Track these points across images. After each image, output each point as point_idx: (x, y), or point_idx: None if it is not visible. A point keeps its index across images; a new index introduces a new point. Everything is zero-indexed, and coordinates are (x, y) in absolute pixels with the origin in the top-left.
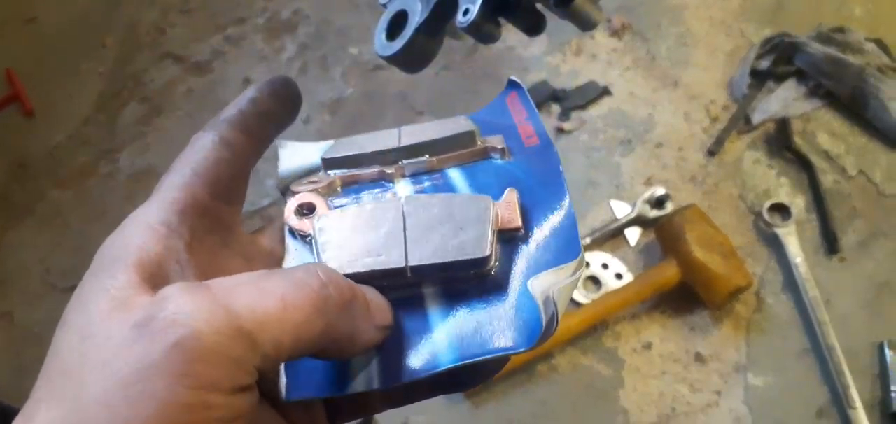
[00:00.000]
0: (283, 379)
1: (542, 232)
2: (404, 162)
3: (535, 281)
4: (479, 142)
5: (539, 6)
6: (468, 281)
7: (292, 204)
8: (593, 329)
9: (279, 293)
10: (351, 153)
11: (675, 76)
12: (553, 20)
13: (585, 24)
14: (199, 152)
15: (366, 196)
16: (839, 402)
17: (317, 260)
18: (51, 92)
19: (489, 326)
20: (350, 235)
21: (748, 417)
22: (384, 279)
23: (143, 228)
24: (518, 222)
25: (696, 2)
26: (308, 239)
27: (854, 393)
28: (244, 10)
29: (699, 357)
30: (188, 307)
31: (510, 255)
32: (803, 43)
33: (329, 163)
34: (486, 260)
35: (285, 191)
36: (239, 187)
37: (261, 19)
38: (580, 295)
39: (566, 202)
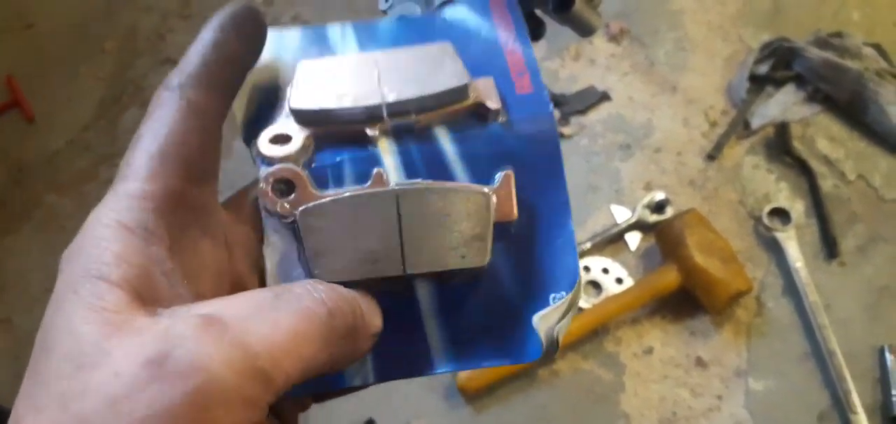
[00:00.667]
0: None
1: (537, 231)
2: (389, 121)
3: (540, 319)
4: (471, 96)
5: (538, 12)
6: (463, 280)
7: (266, 177)
8: (594, 333)
9: (291, 327)
10: (326, 106)
11: (674, 81)
12: (552, 25)
13: (584, 30)
14: (164, 124)
15: (347, 168)
16: (840, 406)
17: (303, 258)
18: (50, 97)
19: (486, 338)
20: (341, 236)
21: (749, 421)
22: (380, 284)
23: (118, 232)
24: (515, 214)
25: (694, 7)
26: (289, 220)
27: (855, 398)
28: None
29: (700, 362)
30: (206, 348)
31: (505, 252)
32: (801, 48)
33: (301, 117)
34: (484, 267)
35: (252, 148)
36: (212, 158)
37: None
38: (581, 300)
39: (563, 191)
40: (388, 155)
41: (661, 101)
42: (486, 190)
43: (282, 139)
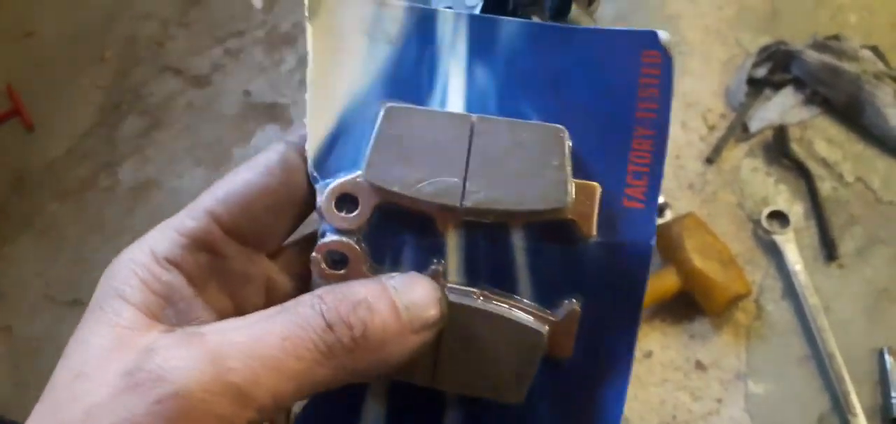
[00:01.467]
0: None
1: (590, 379)
2: (462, 215)
3: None
4: (567, 213)
5: (535, 18)
6: (497, 407)
7: (321, 247)
8: None
9: (277, 341)
10: (400, 190)
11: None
12: None
13: None
14: (245, 173)
15: (407, 253)
16: (840, 409)
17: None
18: (50, 106)
19: None
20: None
21: None
22: (412, 392)
23: (149, 259)
24: (569, 353)
25: (691, 11)
26: None
27: (855, 400)
28: (243, 23)
29: (700, 365)
30: (175, 361)
31: (549, 389)
32: (799, 51)
33: (375, 189)
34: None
35: (317, 193)
36: (277, 223)
37: (260, 32)
38: None
39: (630, 343)
40: (453, 249)
41: None
42: (541, 326)
43: (348, 201)
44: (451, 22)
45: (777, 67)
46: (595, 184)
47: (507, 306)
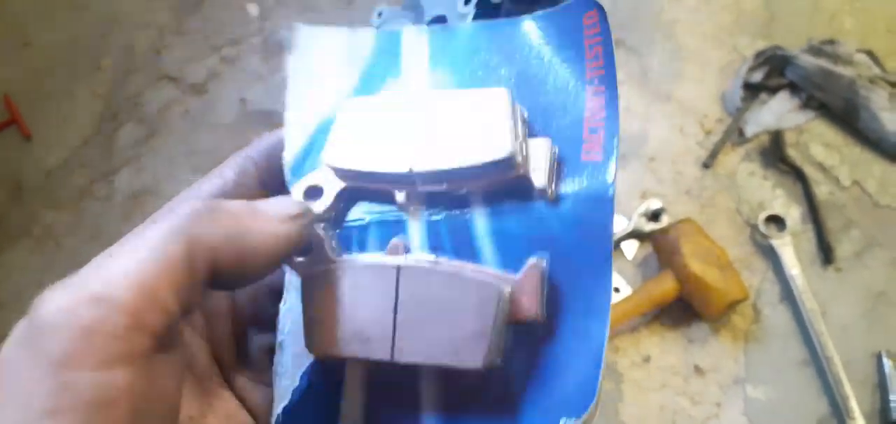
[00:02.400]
0: None
1: (567, 336)
2: (421, 186)
3: None
4: (518, 168)
5: None
6: (468, 385)
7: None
8: None
9: (127, 246)
10: (358, 167)
11: (668, 90)
12: None
13: None
14: (204, 183)
15: (372, 231)
16: (839, 413)
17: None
18: (47, 115)
19: None
20: (338, 307)
21: None
22: (372, 367)
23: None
24: (536, 311)
25: (687, 17)
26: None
27: (853, 404)
28: (239, 31)
29: (698, 370)
30: (44, 300)
31: (526, 353)
32: (795, 56)
33: (335, 171)
34: (478, 371)
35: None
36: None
37: (256, 40)
38: None
39: (606, 298)
40: (415, 221)
41: (655, 111)
42: (499, 282)
43: (315, 192)
44: (415, 37)
45: (773, 72)
46: (546, 138)
47: (461, 266)
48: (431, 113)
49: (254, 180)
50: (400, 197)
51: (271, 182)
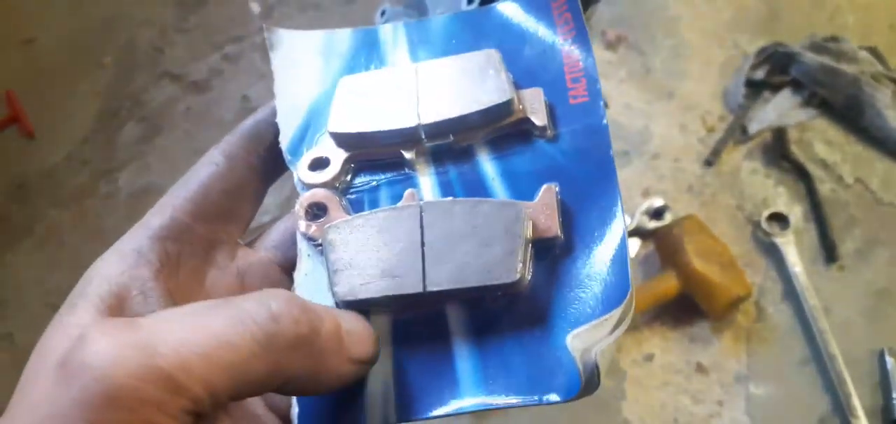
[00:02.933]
0: (294, 420)
1: (585, 246)
2: (426, 142)
3: (575, 337)
4: (516, 112)
5: None
6: (497, 304)
7: (302, 203)
8: None
9: (215, 329)
10: (363, 130)
11: (671, 88)
12: None
13: None
14: (195, 170)
15: (383, 191)
16: (841, 410)
17: (328, 278)
18: (50, 112)
19: (520, 370)
20: (362, 251)
21: None
22: (401, 302)
23: (115, 257)
24: (556, 230)
25: (689, 14)
26: (318, 243)
27: (856, 402)
28: (241, 28)
29: (700, 368)
30: (103, 348)
31: (548, 272)
32: (797, 53)
33: (340, 139)
34: (514, 284)
35: (294, 173)
36: (232, 202)
37: (258, 37)
38: None
39: (616, 204)
40: (425, 177)
41: (658, 108)
42: (518, 203)
43: (320, 163)
44: (391, 30)
45: (775, 69)
46: (537, 88)
47: (480, 198)
48: (428, 75)
49: (243, 162)
50: (408, 154)
51: (259, 160)
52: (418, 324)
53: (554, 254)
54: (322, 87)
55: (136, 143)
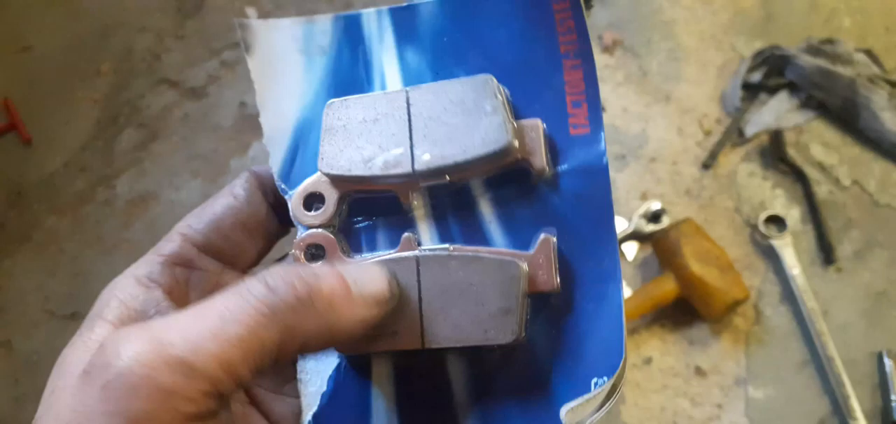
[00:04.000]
0: None
1: (583, 305)
2: (422, 182)
3: (569, 412)
4: (514, 154)
5: None
6: (496, 358)
7: (301, 244)
8: None
9: (219, 310)
10: (356, 173)
11: (668, 91)
12: None
13: None
14: (217, 199)
15: (380, 232)
16: (840, 413)
17: None
18: (47, 119)
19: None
20: None
21: None
22: (400, 360)
23: (130, 282)
24: (554, 284)
25: (685, 17)
26: None
27: (854, 403)
28: (239, 35)
29: (699, 371)
30: (121, 347)
31: (547, 326)
32: (794, 55)
33: (332, 179)
34: (510, 344)
35: (289, 204)
36: (248, 241)
37: None
38: None
39: (615, 260)
40: (422, 218)
41: (655, 111)
42: (516, 258)
43: (315, 199)
44: (375, 19)
45: (772, 72)
46: (536, 119)
47: (478, 250)
48: (421, 107)
49: (261, 196)
50: (403, 194)
51: (278, 202)
52: (420, 376)
53: (552, 305)
54: (307, 98)
55: (133, 150)
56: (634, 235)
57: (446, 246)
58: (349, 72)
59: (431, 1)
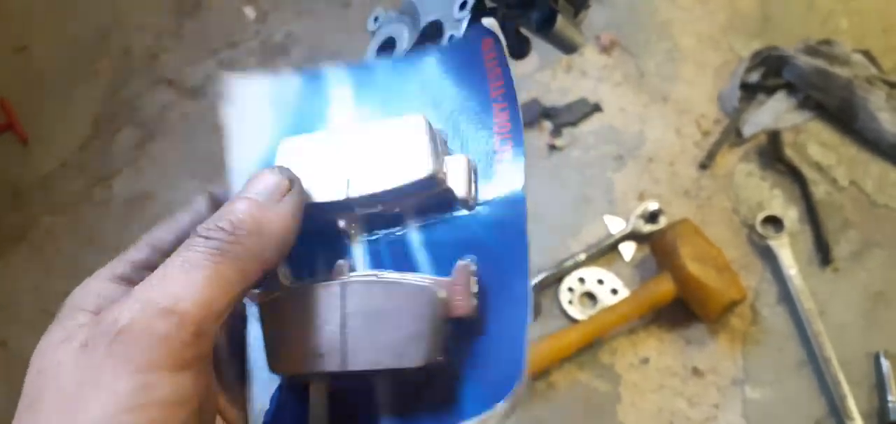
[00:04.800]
0: None
1: (495, 327)
2: (358, 211)
3: None
4: (439, 184)
5: (523, 30)
6: (415, 384)
7: None
8: (590, 345)
9: (178, 267)
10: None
11: (665, 91)
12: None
13: (567, 48)
14: (183, 212)
15: (320, 258)
16: (837, 413)
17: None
18: (45, 119)
19: None
20: (292, 329)
21: None
22: (333, 381)
23: (102, 280)
24: (470, 309)
25: (683, 17)
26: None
27: (851, 404)
28: (237, 34)
29: (696, 372)
30: (117, 314)
31: (461, 352)
32: (791, 56)
33: None
34: (423, 368)
35: None
36: None
37: (254, 43)
38: (576, 312)
39: (525, 286)
40: (357, 244)
41: (652, 112)
42: (432, 285)
43: None
44: (336, 76)
45: (770, 72)
46: (462, 155)
47: (398, 276)
48: (359, 143)
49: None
50: (341, 222)
51: None
52: (353, 392)
53: (468, 330)
54: (269, 140)
55: (131, 149)
56: (632, 235)
57: (373, 272)
58: (308, 119)
59: (386, 61)
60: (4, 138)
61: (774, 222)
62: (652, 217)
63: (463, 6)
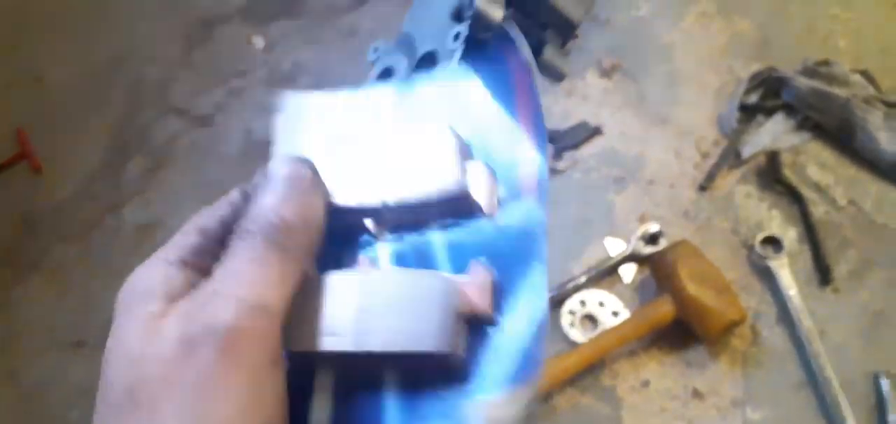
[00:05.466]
0: None
1: (513, 325)
2: (387, 215)
3: (488, 405)
4: (468, 196)
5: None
6: (433, 376)
7: None
8: (591, 368)
9: (248, 264)
10: (339, 203)
11: (665, 114)
12: None
13: (554, 76)
14: (217, 206)
15: (346, 256)
16: None
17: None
18: (58, 148)
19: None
20: (311, 311)
21: None
22: (340, 360)
23: (163, 264)
24: (490, 310)
25: (683, 40)
26: None
27: None
28: (245, 64)
29: (697, 393)
30: (214, 312)
31: (475, 346)
32: (790, 77)
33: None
34: (445, 355)
35: None
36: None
37: (261, 72)
38: (578, 335)
39: (543, 293)
40: (383, 245)
41: (652, 134)
42: (447, 277)
43: None
44: (381, 95)
45: (768, 93)
46: (483, 163)
47: (415, 270)
48: (386, 149)
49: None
50: (369, 224)
51: None
52: (358, 384)
53: (486, 335)
54: (318, 146)
55: (141, 178)
56: (632, 257)
57: (391, 268)
58: (350, 130)
59: (425, 83)
60: (18, 168)
61: (774, 242)
62: (652, 239)
63: (456, 38)
